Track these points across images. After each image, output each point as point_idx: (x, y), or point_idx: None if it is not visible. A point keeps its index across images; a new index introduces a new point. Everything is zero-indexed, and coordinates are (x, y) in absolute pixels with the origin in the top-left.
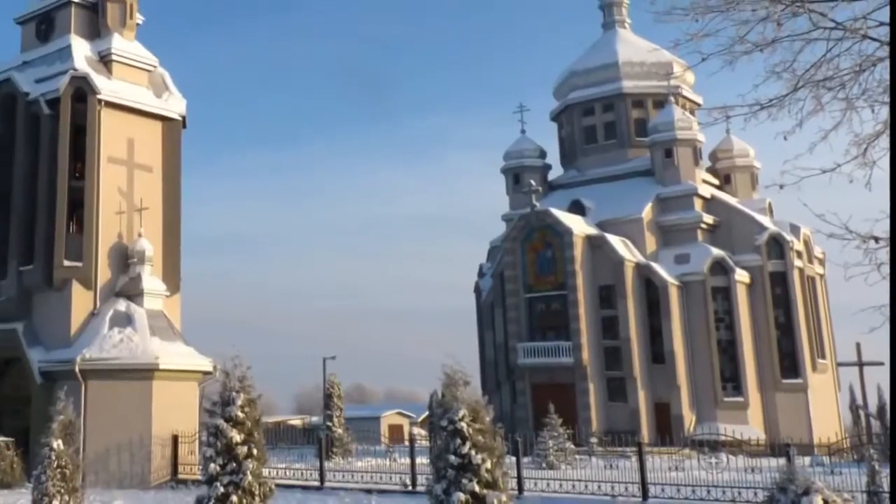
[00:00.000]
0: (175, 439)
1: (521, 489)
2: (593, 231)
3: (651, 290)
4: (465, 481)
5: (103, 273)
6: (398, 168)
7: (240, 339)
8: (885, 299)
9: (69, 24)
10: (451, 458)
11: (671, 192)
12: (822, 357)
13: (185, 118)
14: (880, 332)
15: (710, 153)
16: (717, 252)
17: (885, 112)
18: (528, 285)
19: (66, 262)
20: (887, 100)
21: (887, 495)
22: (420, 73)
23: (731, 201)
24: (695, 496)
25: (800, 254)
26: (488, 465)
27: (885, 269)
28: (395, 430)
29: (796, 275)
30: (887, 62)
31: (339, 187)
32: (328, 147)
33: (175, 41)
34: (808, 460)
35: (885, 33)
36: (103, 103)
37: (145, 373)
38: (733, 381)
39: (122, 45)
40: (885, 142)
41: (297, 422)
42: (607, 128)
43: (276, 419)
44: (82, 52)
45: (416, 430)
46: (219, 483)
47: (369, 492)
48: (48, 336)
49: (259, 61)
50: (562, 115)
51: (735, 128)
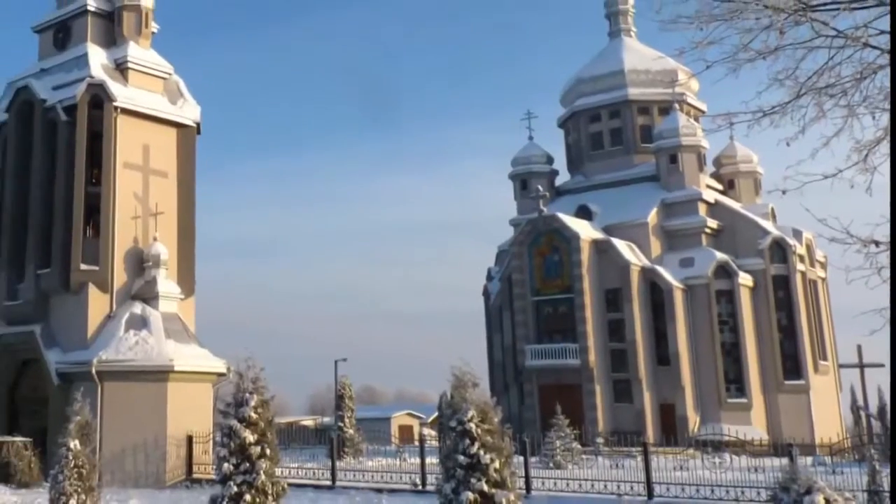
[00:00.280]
0: (189, 439)
1: (528, 488)
2: (600, 235)
3: (656, 293)
4: (473, 481)
5: (119, 276)
6: (408, 174)
7: (253, 342)
8: (886, 302)
9: (86, 33)
10: (460, 458)
11: (676, 197)
12: (824, 359)
13: (199, 125)
14: (881, 334)
15: (714, 159)
16: (720, 256)
17: (885, 119)
18: (535, 289)
19: (83, 266)
20: (888, 107)
21: (888, 494)
22: (428, 80)
23: (735, 206)
24: (699, 495)
25: (802, 258)
26: (497, 464)
27: (886, 272)
28: (406, 431)
29: (798, 278)
30: (888, 70)
31: (351, 192)
32: (340, 153)
33: (187, 49)
34: (810, 460)
35: (885, 41)
36: (119, 110)
37: (160, 374)
38: (737, 382)
39: (138, 52)
40: (885, 148)
41: (309, 422)
42: (613, 134)
43: (289, 420)
44: (99, 59)
45: (426, 431)
46: (232, 482)
47: (380, 491)
48: (65, 338)
49: (271, 69)
50: (569, 121)
51: (738, 134)
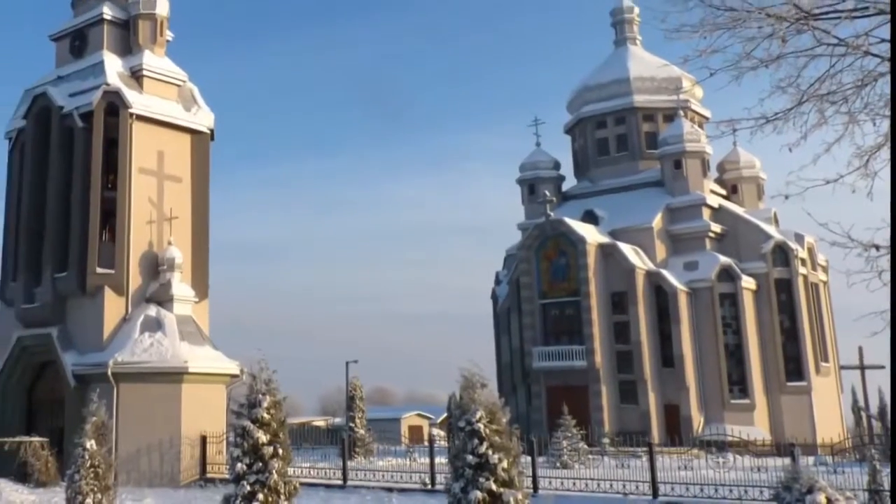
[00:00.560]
0: (203, 440)
1: (536, 488)
2: (606, 240)
3: (661, 296)
4: (482, 480)
5: (134, 280)
6: (418, 179)
7: (266, 344)
8: (886, 305)
9: (102, 41)
10: (469, 458)
11: (680, 202)
12: (826, 360)
13: (213, 131)
14: (881, 336)
15: (718, 164)
16: (724, 260)
17: (885, 125)
18: (542, 292)
19: (99, 270)
20: (888, 113)
21: (888, 494)
22: (438, 87)
23: (738, 211)
24: (703, 494)
25: (804, 261)
26: (505, 464)
27: (886, 276)
28: (415, 431)
29: (801, 281)
30: (888, 77)
31: (363, 196)
32: (352, 158)
33: (201, 57)
34: (811, 460)
35: (885, 49)
36: (135, 117)
37: (175, 376)
38: (740, 383)
39: (153, 60)
40: (885, 154)
41: (320, 423)
42: (619, 140)
43: (301, 420)
44: (114, 67)
45: (436, 431)
46: (245, 482)
47: (390, 490)
48: (81, 340)
49: (283, 76)
50: (575, 128)
51: (742, 140)
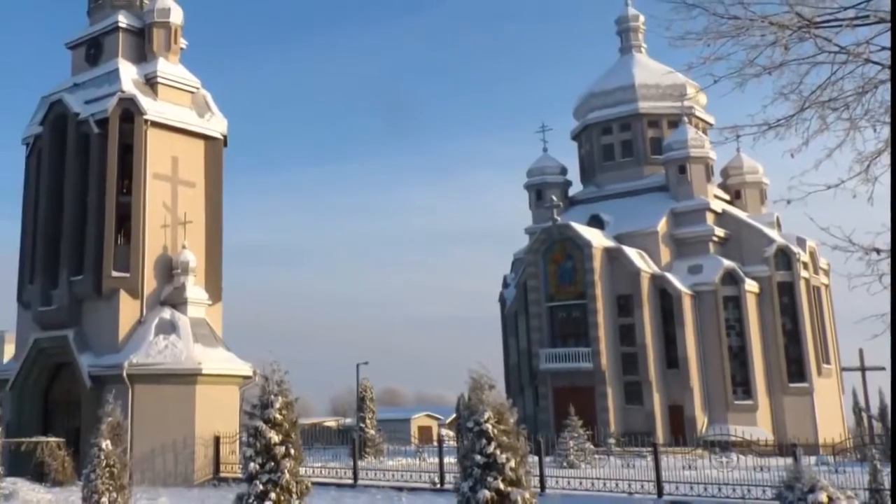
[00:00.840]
0: (217, 440)
1: (543, 487)
2: (611, 244)
3: (666, 299)
4: (490, 479)
5: (149, 283)
6: (428, 184)
7: (278, 346)
8: (887, 308)
9: (117, 49)
10: (478, 458)
11: (685, 206)
12: (827, 362)
13: (226, 137)
14: (882, 338)
15: (722, 170)
16: (727, 263)
17: (886, 131)
18: (549, 295)
19: (115, 273)
20: (888, 120)
21: (888, 493)
22: (448, 95)
23: (741, 215)
24: (707, 493)
25: (806, 265)
26: (512, 464)
27: (887, 279)
28: (425, 432)
29: (803, 285)
30: (888, 84)
31: (373, 202)
32: (363, 164)
33: (216, 64)
34: (813, 460)
35: (886, 57)
36: (149, 123)
37: (189, 377)
38: (743, 385)
39: (167, 68)
40: (886, 159)
41: (331, 423)
42: (624, 146)
43: (312, 421)
44: (129, 74)
45: (444, 432)
46: (258, 481)
47: (400, 489)
48: (97, 342)
49: (296, 83)
50: (581, 134)
51: (745, 146)
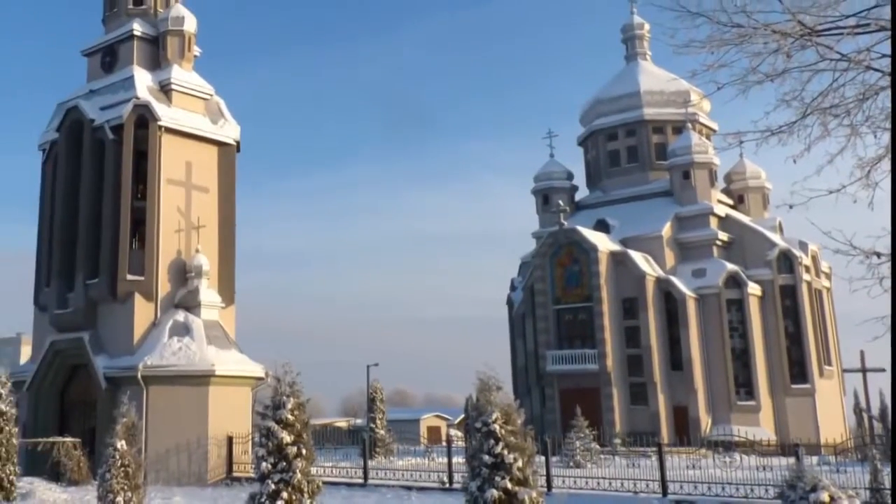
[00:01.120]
0: (230, 440)
1: (550, 486)
2: (617, 247)
3: (670, 302)
4: (498, 479)
5: (163, 286)
6: (437, 189)
7: (290, 348)
8: (887, 311)
9: (132, 56)
10: (486, 458)
11: (689, 211)
12: (829, 364)
13: (238, 143)
14: (882, 340)
15: (725, 175)
16: (731, 267)
17: (886, 137)
18: (556, 298)
19: (129, 276)
20: (889, 126)
21: (888, 492)
22: (456, 102)
23: (745, 220)
24: (711, 493)
25: (808, 268)
26: (520, 463)
27: (887, 282)
28: (434, 432)
29: (805, 288)
30: (889, 91)
31: (383, 206)
32: (372, 169)
33: (229, 71)
34: (815, 459)
35: (886, 64)
36: (163, 129)
37: (202, 379)
38: (746, 386)
39: (181, 75)
40: (886, 165)
41: (342, 424)
42: (630, 152)
43: (324, 421)
44: (144, 81)
45: (453, 432)
46: (270, 481)
47: (409, 489)
48: (112, 344)
49: (307, 89)
50: (588, 140)
51: (748, 152)
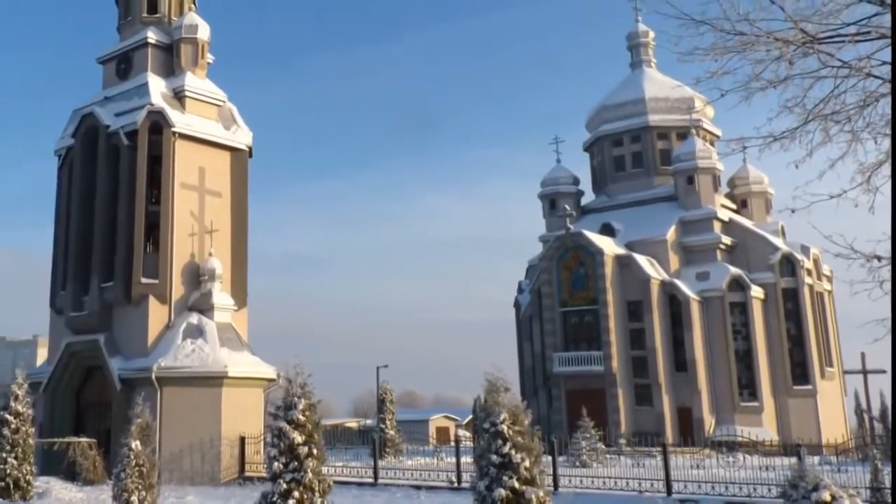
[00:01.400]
0: (242, 440)
1: (556, 486)
2: (622, 251)
3: (674, 304)
4: (505, 478)
5: (177, 289)
6: (446, 194)
7: (301, 349)
8: (887, 313)
9: (146, 64)
10: (493, 458)
11: (693, 215)
12: (830, 366)
13: (251, 149)
14: (883, 342)
15: (728, 180)
16: (734, 270)
17: (887, 143)
18: (562, 300)
19: (144, 280)
20: (889, 132)
21: (889, 491)
22: (465, 108)
23: (748, 224)
24: (714, 492)
25: (810, 272)
26: (527, 463)
27: (887, 285)
28: (442, 432)
29: (806, 291)
30: (889, 98)
31: (393, 211)
32: (382, 175)
33: (242, 78)
34: (817, 459)
35: (886, 71)
36: (177, 135)
37: (215, 380)
38: (749, 387)
39: (195, 82)
40: (886, 170)
41: (353, 424)
42: (635, 157)
43: (334, 422)
44: (158, 88)
45: (461, 432)
46: (282, 480)
47: (418, 488)
48: (127, 346)
49: (319, 96)
50: (593, 145)
51: (751, 157)
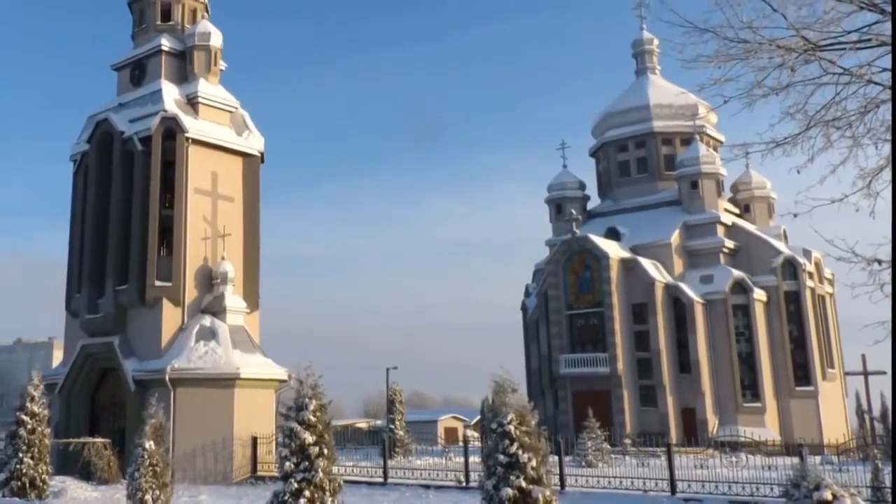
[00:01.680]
0: (254, 440)
1: (563, 485)
2: (627, 255)
3: (679, 307)
4: (513, 478)
5: (190, 292)
6: (454, 199)
7: (312, 351)
8: (888, 315)
9: (160, 70)
10: (501, 457)
11: (697, 219)
12: (832, 367)
13: (263, 154)
14: (883, 344)
15: (732, 185)
16: (737, 273)
17: (887, 148)
18: (569, 303)
19: (158, 283)
20: (889, 137)
21: (889, 490)
22: (473, 114)
23: (750, 228)
24: (718, 491)
25: (811, 275)
26: (534, 463)
27: (888, 288)
28: (451, 433)
29: (808, 294)
30: (889, 104)
31: (402, 215)
32: (392, 179)
33: (255, 84)
34: (818, 459)
35: (887, 78)
36: (190, 141)
37: (228, 381)
38: (752, 388)
39: (207, 88)
40: (887, 175)
41: (363, 425)
42: (640, 162)
43: (345, 422)
44: (172, 95)
45: (470, 433)
46: (293, 479)
47: (427, 487)
48: (141, 348)
49: (329, 102)
50: (599, 151)
51: (754, 162)
